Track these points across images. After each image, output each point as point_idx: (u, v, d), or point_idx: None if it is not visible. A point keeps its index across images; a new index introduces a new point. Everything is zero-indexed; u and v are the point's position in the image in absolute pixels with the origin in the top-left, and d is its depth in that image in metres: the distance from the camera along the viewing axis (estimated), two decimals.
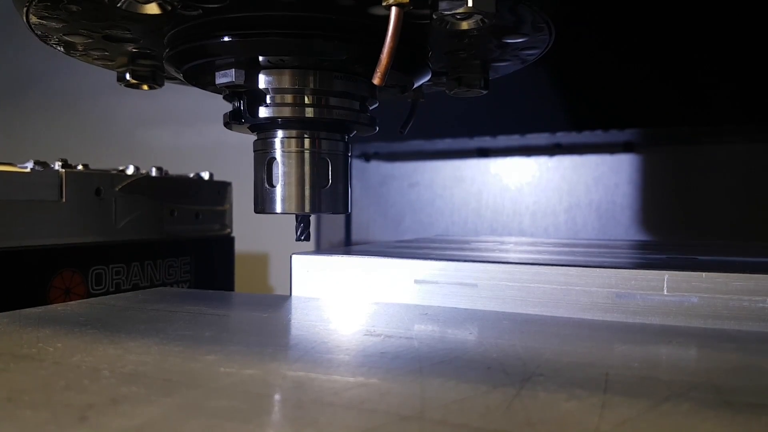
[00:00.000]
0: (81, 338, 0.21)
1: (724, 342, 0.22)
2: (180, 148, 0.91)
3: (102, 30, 0.28)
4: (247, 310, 0.29)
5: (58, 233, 0.38)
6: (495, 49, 0.30)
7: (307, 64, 0.28)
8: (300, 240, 0.31)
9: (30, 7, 0.25)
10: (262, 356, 0.19)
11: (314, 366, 0.18)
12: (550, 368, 0.18)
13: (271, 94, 0.28)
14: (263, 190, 0.29)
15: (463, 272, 0.29)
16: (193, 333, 0.22)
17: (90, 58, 0.33)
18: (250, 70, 0.27)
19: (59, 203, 0.38)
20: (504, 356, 0.20)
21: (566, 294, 0.27)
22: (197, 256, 0.49)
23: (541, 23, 0.26)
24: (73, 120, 1.00)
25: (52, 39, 0.29)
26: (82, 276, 0.39)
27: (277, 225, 0.50)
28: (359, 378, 0.17)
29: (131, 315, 0.27)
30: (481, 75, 0.33)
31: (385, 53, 0.23)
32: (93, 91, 0.94)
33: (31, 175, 0.37)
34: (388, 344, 0.21)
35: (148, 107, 0.92)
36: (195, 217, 0.49)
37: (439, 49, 0.30)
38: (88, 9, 0.25)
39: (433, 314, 0.27)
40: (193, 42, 0.27)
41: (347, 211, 0.31)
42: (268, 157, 0.29)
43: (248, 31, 0.26)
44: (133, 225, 0.43)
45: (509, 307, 0.28)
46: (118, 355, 0.19)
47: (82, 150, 0.92)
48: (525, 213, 0.68)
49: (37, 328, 0.23)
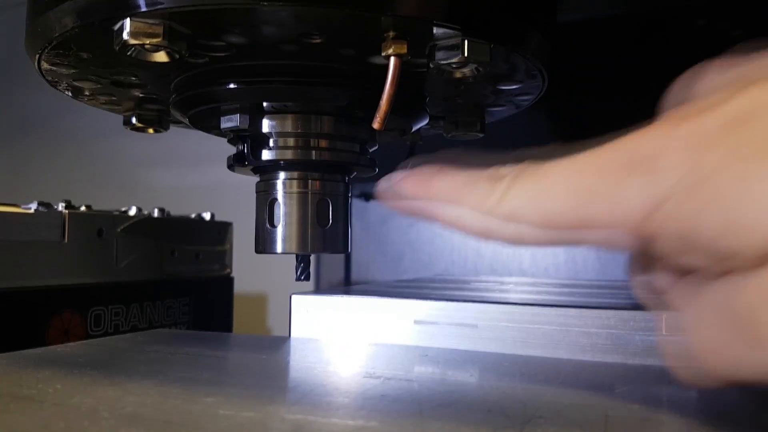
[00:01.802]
0: (80, 379, 0.21)
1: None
2: (182, 189, 0.92)
3: (110, 76, 0.29)
4: (246, 351, 0.29)
5: (59, 274, 0.38)
6: (490, 95, 0.31)
7: (309, 109, 0.28)
8: (300, 280, 0.32)
9: (42, 53, 0.26)
10: (260, 398, 0.19)
11: (313, 409, 0.18)
12: (550, 410, 0.18)
13: (274, 138, 0.29)
14: (264, 230, 0.30)
15: (463, 313, 0.29)
16: (192, 375, 0.22)
17: (97, 102, 0.33)
18: (254, 115, 0.28)
19: (61, 244, 0.38)
20: (504, 398, 0.20)
21: (566, 335, 0.27)
22: (196, 296, 0.49)
23: (534, 71, 0.27)
24: (78, 161, 1.01)
25: (62, 84, 0.30)
26: (82, 317, 0.39)
27: (276, 266, 0.50)
28: (359, 421, 0.17)
29: (130, 356, 0.27)
30: (477, 119, 0.34)
31: (384, 99, 0.23)
32: (98, 133, 0.95)
33: (35, 216, 0.37)
34: (388, 386, 0.21)
35: (151, 149, 0.93)
36: (195, 258, 0.49)
37: (437, 95, 0.31)
38: (98, 56, 0.26)
39: (434, 356, 0.27)
40: (200, 88, 0.27)
41: (347, 250, 0.31)
42: (270, 198, 0.30)
43: (253, 79, 0.27)
44: (133, 266, 0.43)
45: (509, 348, 0.28)
46: (118, 396, 0.19)
47: (86, 191, 0.93)
48: (525, 253, 0.68)
49: (36, 369, 0.23)
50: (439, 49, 0.23)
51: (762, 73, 0.16)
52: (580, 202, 0.16)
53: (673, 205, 0.15)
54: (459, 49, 0.23)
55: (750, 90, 0.15)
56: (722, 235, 0.15)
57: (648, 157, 0.15)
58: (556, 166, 0.17)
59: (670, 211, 0.15)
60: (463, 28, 0.22)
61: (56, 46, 0.25)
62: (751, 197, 0.14)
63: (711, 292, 0.16)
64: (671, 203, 0.15)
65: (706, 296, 0.16)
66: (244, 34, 0.23)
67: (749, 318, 0.15)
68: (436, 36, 0.23)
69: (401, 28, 0.22)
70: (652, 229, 0.15)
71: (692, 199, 0.15)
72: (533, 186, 0.17)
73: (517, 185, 0.17)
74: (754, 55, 0.17)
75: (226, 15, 0.22)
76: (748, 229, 0.14)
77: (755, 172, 0.14)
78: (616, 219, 0.15)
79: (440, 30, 0.22)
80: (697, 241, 0.15)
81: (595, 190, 0.16)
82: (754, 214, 0.14)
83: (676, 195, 0.15)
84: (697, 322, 0.16)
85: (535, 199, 0.16)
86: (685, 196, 0.15)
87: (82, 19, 0.23)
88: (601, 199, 0.16)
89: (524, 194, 0.17)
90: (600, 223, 0.16)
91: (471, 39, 0.23)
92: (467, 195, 0.18)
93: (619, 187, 0.15)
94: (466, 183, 0.18)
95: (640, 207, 0.15)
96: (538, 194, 0.16)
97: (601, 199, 0.16)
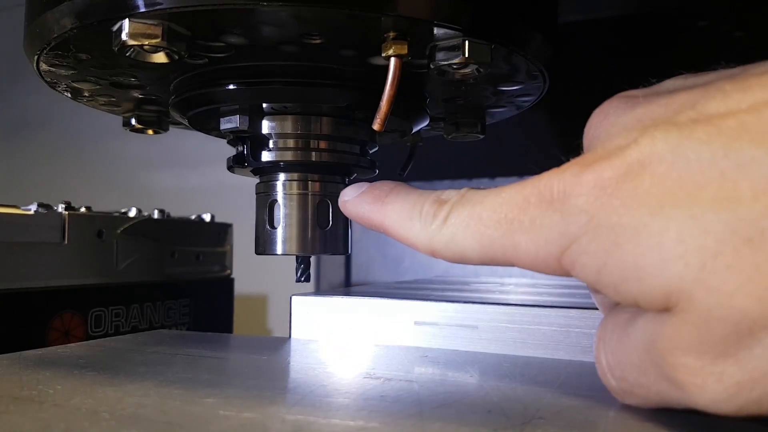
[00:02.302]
0: (81, 380, 0.21)
1: None
2: (182, 190, 0.92)
3: (109, 77, 0.29)
4: (246, 352, 0.29)
5: (59, 275, 0.38)
6: (491, 96, 0.31)
7: (309, 110, 0.28)
8: (300, 281, 0.32)
9: (41, 55, 0.26)
10: (260, 399, 0.19)
11: (313, 410, 0.18)
12: (550, 411, 0.18)
13: (274, 139, 0.29)
14: (264, 231, 0.30)
15: (464, 314, 0.29)
16: (192, 376, 0.22)
17: (96, 104, 0.33)
18: (254, 116, 0.28)
19: (61, 245, 0.38)
20: (504, 399, 0.20)
21: (566, 336, 0.27)
22: (197, 297, 0.49)
23: (536, 71, 0.27)
24: (78, 162, 1.01)
25: (61, 85, 0.30)
26: (82, 318, 0.39)
27: (277, 267, 0.50)
28: (359, 422, 0.17)
29: (131, 357, 0.27)
30: (478, 120, 0.34)
31: (384, 101, 0.23)
32: (97, 134, 0.95)
33: (35, 217, 0.37)
34: (388, 387, 0.21)
35: (151, 150, 0.93)
36: (195, 259, 0.49)
37: (437, 96, 0.31)
38: (97, 57, 0.26)
39: (434, 356, 0.27)
40: (199, 89, 0.27)
41: (347, 252, 0.31)
42: (270, 200, 0.30)
43: (253, 80, 0.27)
44: (134, 267, 0.43)
45: (510, 349, 0.28)
46: (118, 397, 0.19)
47: (86, 192, 0.93)
48: None
49: (37, 370, 0.23)
50: (439, 49, 0.23)
51: (659, 113, 0.16)
52: (506, 232, 0.17)
53: (583, 245, 0.16)
54: (460, 50, 0.23)
55: (644, 138, 0.15)
56: (623, 281, 0.16)
57: (562, 196, 0.16)
58: (488, 196, 0.18)
59: (580, 249, 0.16)
60: (463, 28, 0.22)
61: (55, 47, 0.25)
62: (644, 249, 0.15)
63: (632, 331, 0.17)
64: (581, 242, 0.16)
65: (628, 337, 0.17)
66: (244, 35, 0.23)
67: (665, 361, 0.16)
68: (436, 36, 0.23)
69: (402, 28, 0.22)
70: (567, 263, 0.17)
71: (597, 242, 0.16)
72: (469, 213, 0.18)
73: (455, 213, 0.19)
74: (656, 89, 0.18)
75: (225, 15, 0.22)
76: (644, 278, 0.15)
77: (648, 225, 0.15)
78: (538, 250, 0.17)
79: (441, 30, 0.22)
80: (602, 282, 0.16)
81: (519, 221, 0.17)
82: (649, 264, 0.15)
83: (585, 235, 0.16)
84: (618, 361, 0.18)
85: (470, 228, 0.18)
86: (591, 238, 0.16)
87: (81, 20, 0.23)
88: (524, 231, 0.17)
89: (461, 221, 0.18)
90: (525, 252, 0.17)
91: (472, 40, 0.23)
92: (414, 220, 0.20)
93: (538, 220, 0.17)
94: (414, 205, 0.20)
95: (556, 241, 0.16)
96: (473, 222, 0.18)
97: (525, 230, 0.17)
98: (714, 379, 0.15)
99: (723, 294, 0.14)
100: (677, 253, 0.15)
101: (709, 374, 0.15)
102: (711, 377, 0.15)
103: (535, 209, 0.17)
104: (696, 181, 0.15)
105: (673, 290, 0.15)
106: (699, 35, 0.46)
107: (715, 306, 0.14)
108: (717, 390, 0.15)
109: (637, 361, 0.17)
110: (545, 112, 0.57)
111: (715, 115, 0.15)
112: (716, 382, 0.15)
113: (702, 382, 0.15)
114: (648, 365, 0.16)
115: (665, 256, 0.15)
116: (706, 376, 0.15)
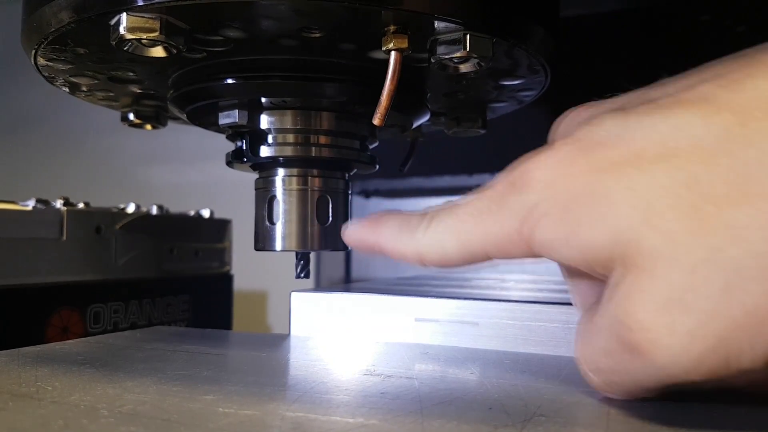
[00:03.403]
0: (79, 377, 0.21)
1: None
2: (180, 186, 0.92)
3: (107, 72, 0.28)
4: (245, 349, 0.29)
5: (57, 271, 0.38)
6: (492, 91, 0.31)
7: (308, 104, 0.28)
8: (300, 277, 0.32)
9: (38, 49, 0.26)
10: (260, 396, 0.19)
11: (313, 406, 0.18)
12: (551, 408, 0.18)
13: (273, 134, 0.29)
14: (264, 227, 0.30)
15: (464, 310, 0.29)
16: (191, 372, 0.22)
17: (95, 99, 0.33)
18: (253, 110, 0.28)
19: (59, 241, 0.38)
20: (505, 396, 0.20)
21: (567, 333, 0.27)
22: (196, 294, 0.48)
23: (537, 66, 0.27)
24: (76, 158, 1.01)
25: (59, 80, 0.30)
26: (81, 314, 0.39)
27: (276, 263, 0.50)
28: (359, 419, 0.17)
29: (129, 354, 0.26)
30: (479, 115, 0.34)
31: (385, 95, 0.23)
32: (96, 129, 0.95)
33: (33, 212, 0.37)
34: (388, 384, 0.21)
35: (150, 145, 0.93)
36: (194, 255, 0.49)
37: (438, 90, 0.31)
38: (95, 51, 0.26)
39: (434, 353, 0.27)
40: (198, 84, 0.27)
41: (347, 248, 0.31)
42: (269, 195, 0.30)
43: (251, 74, 0.26)
44: (132, 263, 0.43)
45: (511, 345, 0.28)
46: (117, 394, 0.19)
47: (84, 188, 0.93)
48: None
49: (35, 367, 0.23)
50: (440, 43, 0.23)
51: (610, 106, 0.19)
52: (479, 221, 0.19)
53: (542, 208, 0.18)
54: (461, 44, 0.22)
55: (595, 119, 0.18)
56: (576, 233, 0.17)
57: (524, 174, 0.18)
58: (466, 199, 0.20)
59: (539, 213, 0.18)
60: (464, 22, 0.22)
61: (52, 42, 0.25)
62: (596, 200, 0.17)
63: (598, 319, 0.18)
64: (540, 207, 0.18)
65: (595, 325, 0.18)
66: (243, 29, 0.23)
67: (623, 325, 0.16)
68: (437, 30, 0.23)
69: (402, 22, 0.22)
70: (527, 231, 0.18)
71: (554, 202, 0.18)
72: (448, 214, 0.20)
73: (436, 218, 0.21)
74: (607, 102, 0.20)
75: (224, 9, 0.21)
76: (596, 225, 0.17)
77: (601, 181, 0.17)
78: (504, 229, 0.19)
79: (442, 24, 0.22)
80: (558, 241, 0.18)
81: (488, 209, 0.19)
82: (600, 213, 0.17)
83: (544, 200, 0.18)
84: (590, 352, 0.18)
85: (449, 227, 0.20)
86: (549, 200, 0.18)
87: (78, 13, 0.22)
88: (492, 214, 0.19)
89: (442, 223, 0.21)
90: (496, 235, 0.19)
91: (473, 33, 0.22)
92: (403, 233, 0.22)
93: (504, 201, 0.19)
94: (403, 222, 0.22)
95: (518, 213, 0.18)
96: (451, 221, 0.20)
97: (493, 213, 0.19)
98: (666, 332, 0.15)
99: (666, 234, 0.16)
100: (624, 200, 0.16)
101: (662, 327, 0.16)
102: (663, 330, 0.16)
103: (502, 195, 0.19)
104: (640, 145, 0.17)
105: (622, 232, 0.16)
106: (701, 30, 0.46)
107: (659, 248, 0.16)
108: (671, 344, 0.15)
109: (604, 344, 0.18)
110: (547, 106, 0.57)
111: (654, 98, 0.18)
112: (669, 334, 0.15)
113: (655, 336, 0.16)
114: (613, 343, 0.17)
115: (614, 202, 0.16)
116: (658, 330, 0.16)
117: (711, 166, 0.16)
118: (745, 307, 0.15)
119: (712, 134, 0.16)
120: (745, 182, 0.15)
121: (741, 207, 0.15)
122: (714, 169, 0.16)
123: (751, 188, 0.15)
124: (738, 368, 0.15)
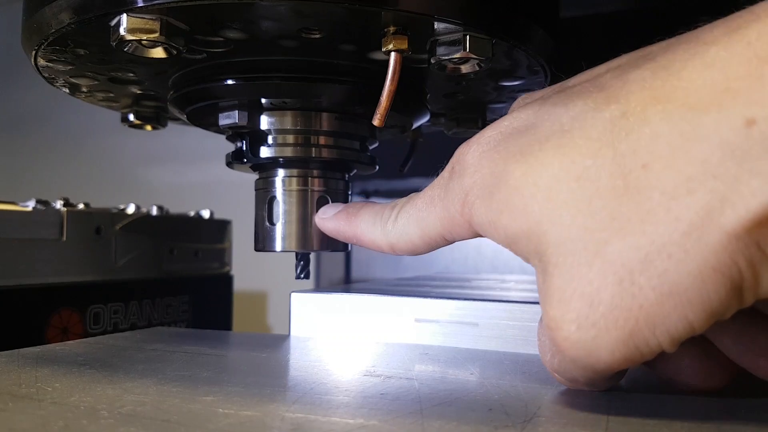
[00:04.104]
0: (79, 378, 0.21)
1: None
2: (180, 186, 0.92)
3: (108, 72, 0.29)
4: (245, 349, 0.29)
5: (57, 272, 0.38)
6: (492, 92, 0.31)
7: (308, 105, 0.28)
8: (300, 278, 0.32)
9: (39, 50, 0.26)
10: (260, 397, 0.19)
11: (313, 407, 0.18)
12: (551, 409, 0.18)
13: (273, 135, 0.29)
14: (264, 228, 0.30)
15: (464, 311, 0.29)
16: (191, 373, 0.22)
17: (95, 99, 0.33)
18: (253, 111, 0.28)
19: (60, 242, 0.38)
20: (505, 397, 0.20)
21: None
22: (196, 294, 0.48)
23: (537, 66, 0.27)
24: (76, 159, 1.01)
25: (59, 81, 0.30)
26: (81, 315, 0.39)
27: (276, 264, 0.50)
28: (359, 420, 0.17)
29: (129, 355, 0.26)
30: (479, 116, 0.34)
31: (384, 96, 0.23)
32: (96, 130, 0.95)
33: (33, 213, 0.37)
34: (388, 385, 0.21)
35: (150, 146, 0.93)
36: (194, 256, 0.49)
37: (438, 91, 0.31)
38: (95, 52, 0.26)
39: (434, 354, 0.27)
40: (198, 85, 0.27)
41: (347, 248, 0.31)
42: (269, 196, 0.30)
43: (252, 75, 0.26)
44: (132, 264, 0.43)
45: (510, 346, 0.28)
46: (117, 395, 0.19)
47: (84, 188, 0.93)
48: None
49: (35, 368, 0.23)
50: (440, 44, 0.23)
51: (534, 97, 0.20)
52: (432, 208, 0.21)
53: (475, 191, 0.19)
54: (460, 45, 0.22)
55: (515, 110, 0.19)
56: (499, 217, 0.18)
57: (461, 160, 0.20)
58: (426, 190, 0.22)
59: (474, 195, 0.19)
60: (464, 23, 0.22)
61: (53, 43, 0.25)
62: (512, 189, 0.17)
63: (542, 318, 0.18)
64: (474, 191, 0.19)
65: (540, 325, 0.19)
66: (243, 30, 0.23)
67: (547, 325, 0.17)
68: (437, 31, 0.23)
69: (402, 23, 0.22)
70: (467, 213, 0.19)
71: (483, 187, 0.19)
72: (411, 205, 0.22)
73: (403, 209, 0.22)
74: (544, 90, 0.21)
75: (224, 9, 0.22)
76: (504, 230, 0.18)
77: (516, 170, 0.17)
78: (450, 212, 0.20)
79: (441, 25, 0.22)
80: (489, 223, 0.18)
81: (437, 195, 0.21)
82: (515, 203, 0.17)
83: (475, 184, 0.19)
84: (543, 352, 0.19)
85: (411, 216, 0.22)
86: (480, 185, 0.19)
87: (79, 14, 0.22)
88: (441, 200, 0.20)
89: (406, 214, 0.22)
90: (446, 220, 0.20)
91: (473, 34, 0.23)
92: (376, 225, 0.23)
93: (448, 187, 0.20)
94: (376, 214, 0.24)
95: (458, 197, 0.19)
96: (413, 211, 0.22)
97: (441, 199, 0.20)
98: (575, 327, 0.16)
99: (566, 229, 0.16)
100: (531, 195, 0.17)
101: (570, 322, 0.16)
102: (572, 325, 0.16)
103: (447, 180, 0.20)
104: (544, 134, 0.17)
105: (531, 227, 0.17)
106: None
107: (562, 243, 0.16)
108: (580, 338, 0.16)
109: (545, 342, 0.19)
110: None
111: (570, 86, 0.19)
112: (577, 329, 0.16)
113: (566, 333, 0.16)
114: (548, 341, 0.18)
115: (524, 196, 0.17)
116: (568, 326, 0.16)
117: (597, 158, 0.16)
118: (637, 300, 0.15)
119: (599, 125, 0.16)
120: (624, 174, 0.15)
121: (621, 199, 0.15)
122: (600, 161, 0.16)
123: (630, 181, 0.15)
124: (651, 353, 0.16)
